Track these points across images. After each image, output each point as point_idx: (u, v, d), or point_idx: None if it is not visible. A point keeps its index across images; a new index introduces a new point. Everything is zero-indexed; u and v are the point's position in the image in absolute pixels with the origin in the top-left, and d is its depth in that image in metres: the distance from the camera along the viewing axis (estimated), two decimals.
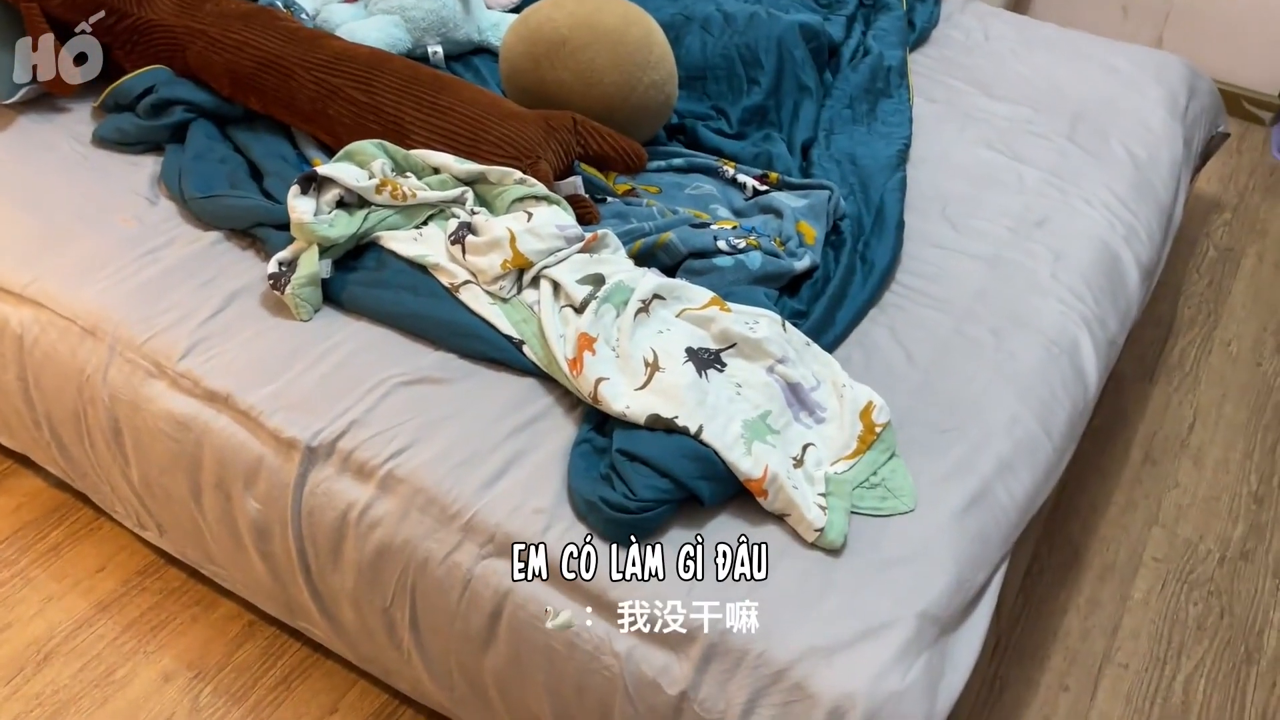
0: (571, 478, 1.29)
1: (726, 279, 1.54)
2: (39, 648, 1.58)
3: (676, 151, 1.87)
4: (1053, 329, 1.59)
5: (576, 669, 1.23)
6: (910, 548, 1.26)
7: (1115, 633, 1.70)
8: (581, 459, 1.31)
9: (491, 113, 1.67)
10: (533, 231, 1.49)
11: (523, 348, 1.43)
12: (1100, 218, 1.82)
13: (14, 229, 1.64)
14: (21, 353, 1.57)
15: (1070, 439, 1.53)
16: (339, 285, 1.52)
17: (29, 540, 1.71)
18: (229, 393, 1.42)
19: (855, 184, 1.80)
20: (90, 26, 1.76)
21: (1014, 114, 2.07)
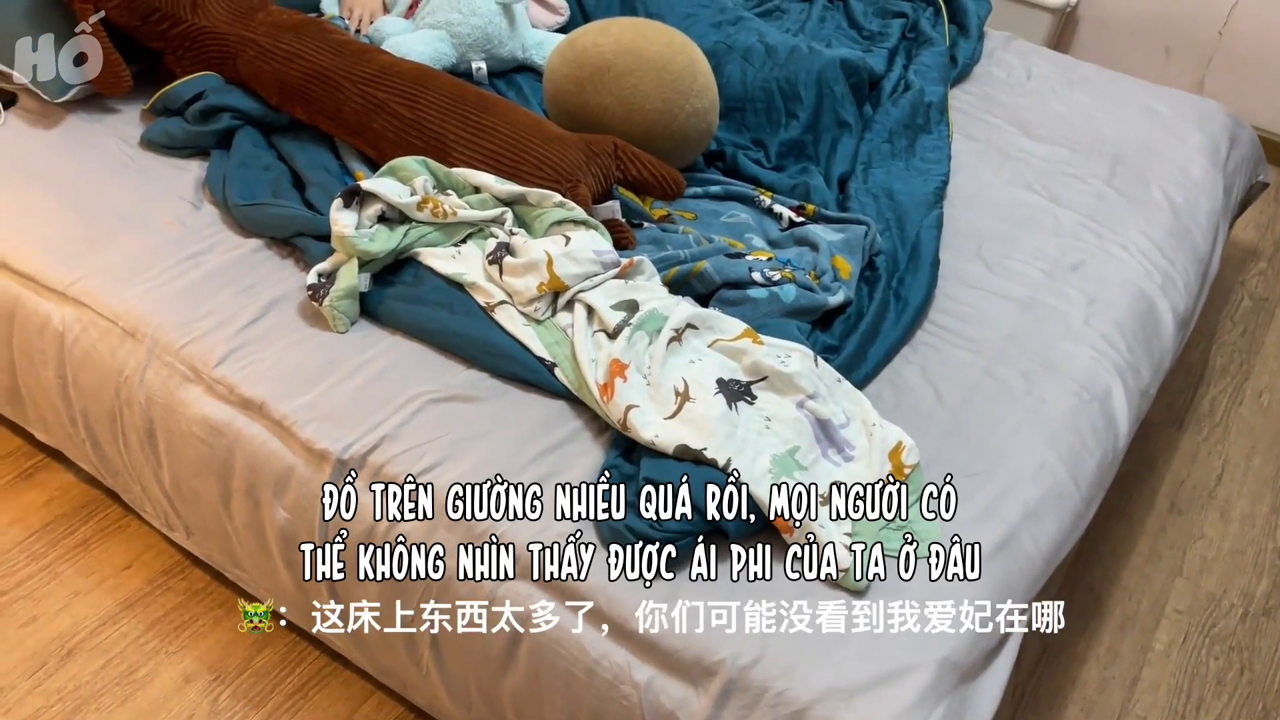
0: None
1: (760, 311, 1.54)
2: (63, 643, 1.60)
3: (714, 179, 1.88)
4: (1084, 375, 1.59)
5: (595, 696, 1.23)
6: (933, 592, 1.25)
7: (1134, 684, 1.69)
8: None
9: (534, 135, 1.68)
10: (570, 255, 1.50)
11: (554, 370, 1.45)
12: (1137, 264, 1.82)
13: (60, 227, 1.67)
14: (62, 350, 1.60)
15: (1098, 488, 1.52)
16: (376, 299, 1.54)
17: (58, 534, 1.74)
18: (263, 401, 1.43)
19: (891, 220, 1.81)
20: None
21: (1053, 155, 2.07)
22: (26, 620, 1.62)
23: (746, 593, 1.21)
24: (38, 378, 1.65)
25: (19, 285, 1.63)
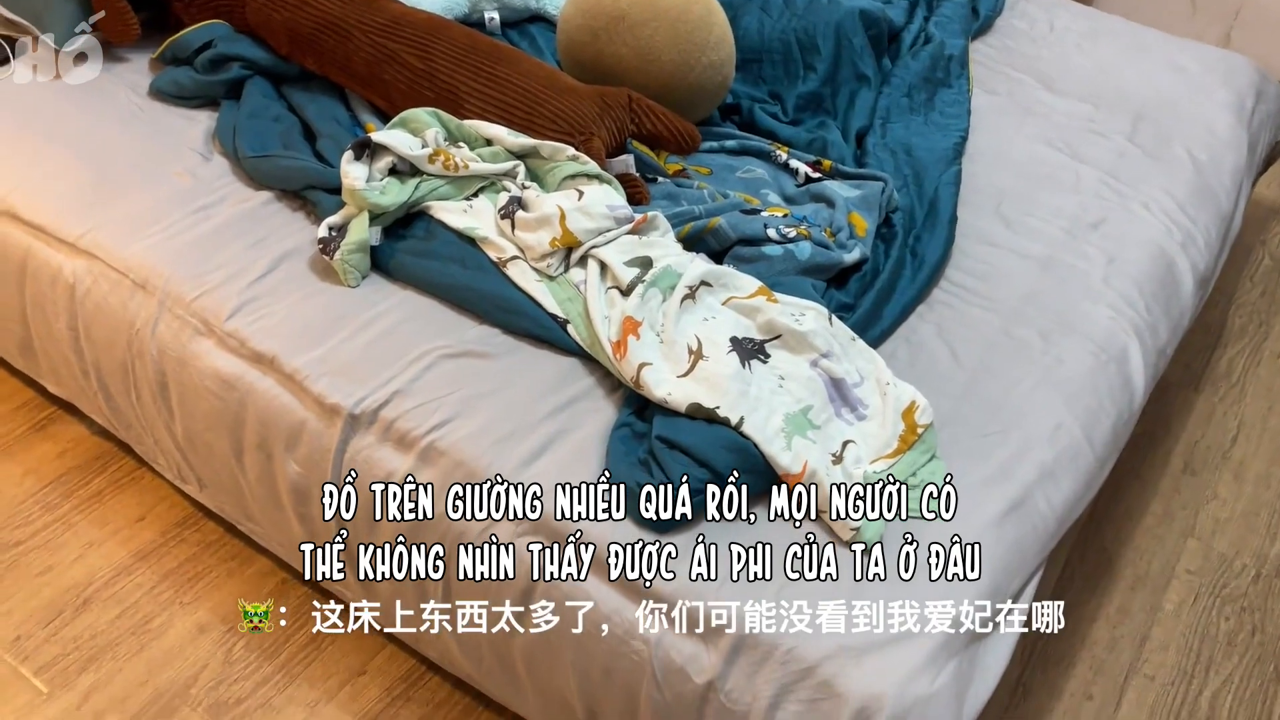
0: (609, 461, 1.29)
1: (774, 268, 1.53)
2: (78, 592, 1.61)
3: (729, 133, 1.85)
4: (1102, 335, 1.57)
5: (605, 652, 1.24)
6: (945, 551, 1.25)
7: (1144, 644, 1.69)
8: (620, 443, 1.31)
9: (548, 86, 1.66)
10: (583, 210, 1.49)
11: (567, 327, 1.43)
12: (1158, 223, 1.79)
13: (70, 178, 1.66)
14: (73, 302, 1.59)
15: (1113, 449, 1.51)
16: (387, 253, 1.53)
17: (72, 486, 1.75)
18: (274, 355, 1.43)
19: (909, 175, 1.78)
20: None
21: (1075, 110, 2.03)
22: (42, 570, 1.63)
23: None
24: (49, 330, 1.65)
25: (30, 236, 1.62)
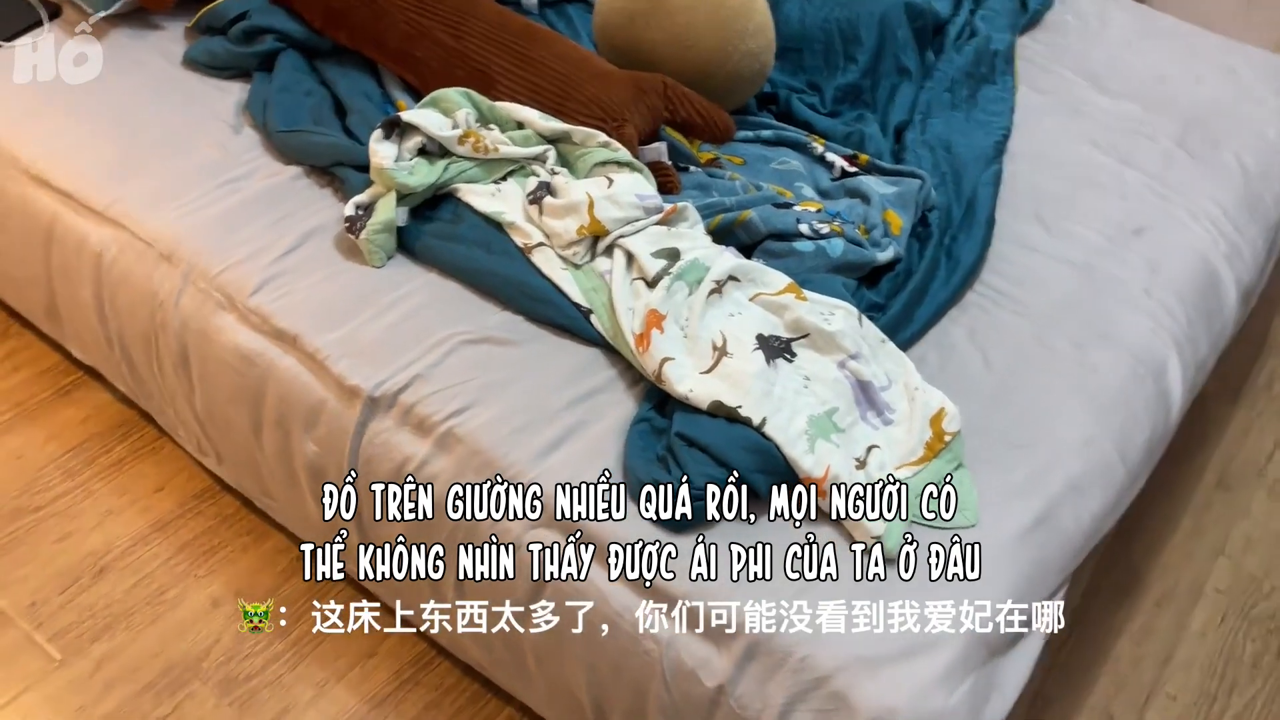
0: (628, 455, 1.28)
1: (805, 265, 1.49)
2: (96, 560, 1.62)
3: (765, 123, 1.82)
4: (1140, 347, 1.53)
5: (616, 649, 1.22)
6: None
7: (1167, 663, 1.65)
8: (639, 438, 1.29)
9: (581, 70, 1.63)
10: (612, 199, 1.46)
11: (590, 317, 1.41)
12: (1203, 232, 1.74)
13: (100, 146, 1.65)
14: (99, 271, 1.59)
15: (1146, 465, 1.47)
16: (413, 234, 1.51)
17: (93, 453, 1.75)
18: (297, 334, 1.42)
19: (948, 174, 1.74)
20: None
21: (1123, 111, 1.98)
22: (60, 536, 1.64)
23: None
24: (75, 296, 1.65)
25: (58, 203, 1.62)
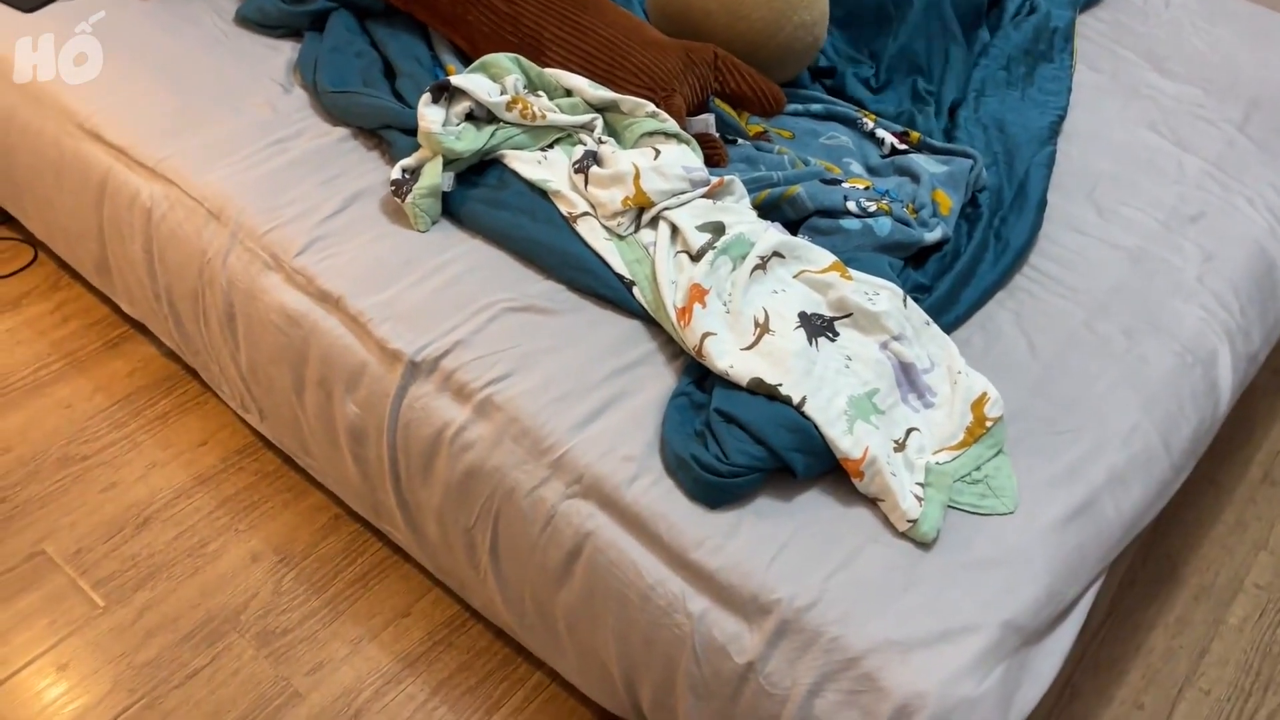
0: (666, 430, 1.28)
1: (851, 243, 1.48)
2: (139, 510, 1.65)
3: (816, 97, 1.79)
4: (1190, 337, 1.50)
5: (647, 621, 1.23)
6: (1004, 552, 1.21)
7: (1202, 656, 1.63)
8: (678, 412, 1.29)
9: (632, 38, 1.61)
10: (658, 170, 1.45)
11: (633, 289, 1.41)
12: (1262, 220, 1.70)
13: (152, 102, 1.66)
14: (149, 226, 1.61)
15: (1191, 457, 1.45)
16: (459, 199, 1.51)
17: (139, 405, 1.78)
18: (340, 295, 1.43)
19: (1000, 153, 1.71)
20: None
21: (1184, 94, 1.93)
22: (106, 486, 1.67)
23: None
24: (125, 251, 1.68)
25: (111, 157, 1.64)
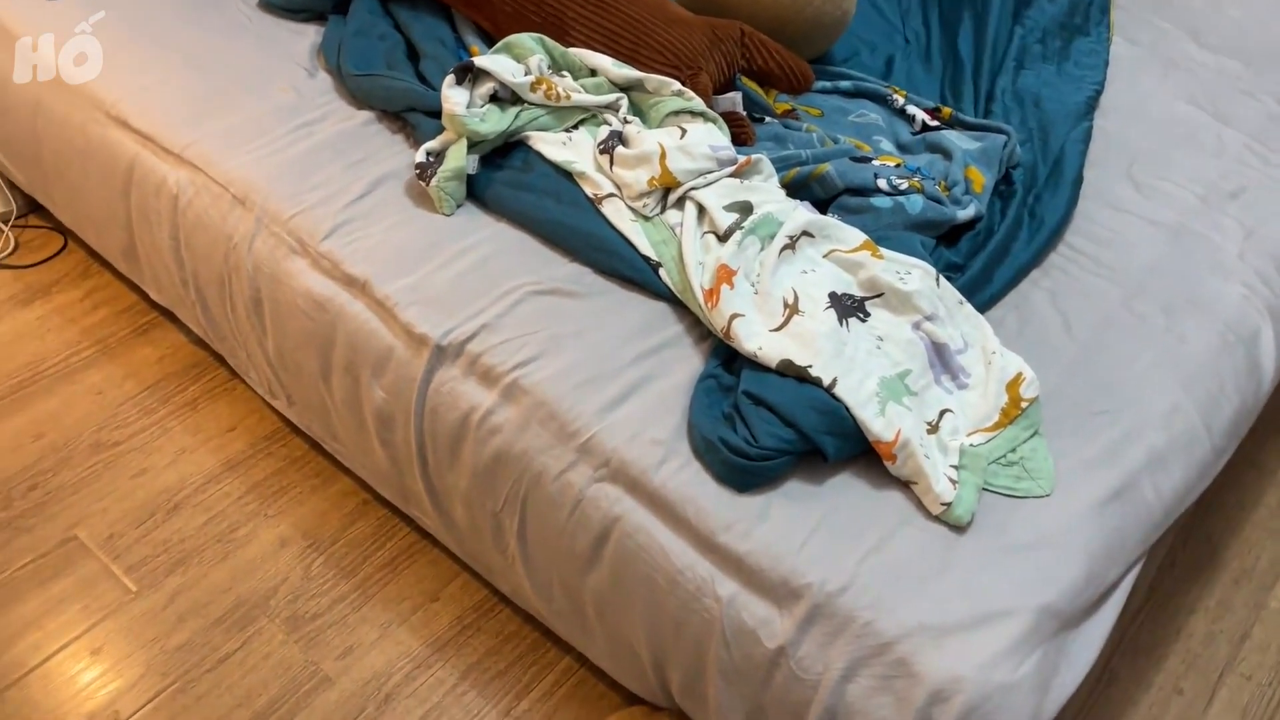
0: (693, 413, 1.26)
1: (882, 221, 1.45)
2: (170, 496, 1.65)
3: (845, 73, 1.76)
4: (1232, 315, 1.46)
5: (677, 605, 1.21)
6: (1040, 535, 1.19)
7: (1243, 641, 1.60)
8: (705, 395, 1.27)
9: (657, 16, 1.59)
10: (684, 149, 1.43)
11: (659, 270, 1.39)
12: None
13: (178, 88, 1.66)
14: (175, 212, 1.61)
15: (1233, 438, 1.41)
16: (483, 182, 1.50)
17: (169, 392, 1.79)
18: (366, 280, 1.42)
19: (1035, 129, 1.67)
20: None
21: (1223, 67, 1.88)
22: (137, 472, 1.68)
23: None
24: (152, 238, 1.68)
25: (138, 144, 1.64)
